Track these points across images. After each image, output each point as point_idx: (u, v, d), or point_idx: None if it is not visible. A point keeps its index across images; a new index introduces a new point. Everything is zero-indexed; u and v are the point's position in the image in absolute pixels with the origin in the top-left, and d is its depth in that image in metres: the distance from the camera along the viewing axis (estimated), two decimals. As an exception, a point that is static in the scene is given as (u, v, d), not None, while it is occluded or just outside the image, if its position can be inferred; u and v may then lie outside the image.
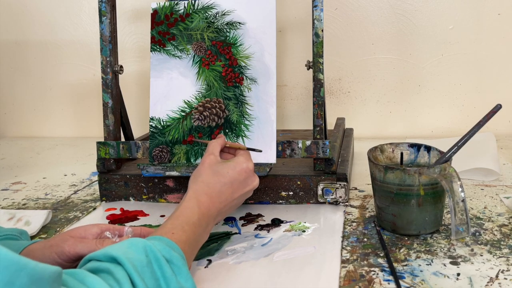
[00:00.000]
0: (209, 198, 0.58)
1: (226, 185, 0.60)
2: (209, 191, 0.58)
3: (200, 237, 0.55)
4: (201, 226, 0.55)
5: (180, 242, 0.49)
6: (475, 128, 0.63)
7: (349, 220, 0.72)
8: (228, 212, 0.62)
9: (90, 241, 0.53)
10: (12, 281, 0.30)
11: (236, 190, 0.61)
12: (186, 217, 0.54)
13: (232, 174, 0.61)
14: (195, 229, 0.53)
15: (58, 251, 0.51)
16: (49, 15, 1.37)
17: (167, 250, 0.46)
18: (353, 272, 0.56)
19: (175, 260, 0.45)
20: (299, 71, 1.25)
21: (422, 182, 0.62)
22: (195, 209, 0.55)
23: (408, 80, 1.22)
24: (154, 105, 0.78)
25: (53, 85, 1.41)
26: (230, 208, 0.61)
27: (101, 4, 0.80)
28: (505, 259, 0.58)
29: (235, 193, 0.61)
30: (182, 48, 0.79)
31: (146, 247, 0.45)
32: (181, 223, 0.52)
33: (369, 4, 1.20)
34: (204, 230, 0.56)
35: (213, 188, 0.59)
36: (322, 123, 0.76)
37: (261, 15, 0.77)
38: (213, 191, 0.59)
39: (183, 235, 0.51)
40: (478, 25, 1.17)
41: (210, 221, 0.57)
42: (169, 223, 0.52)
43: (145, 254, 0.44)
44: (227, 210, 0.61)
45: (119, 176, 0.83)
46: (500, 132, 1.18)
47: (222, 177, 0.60)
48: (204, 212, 0.56)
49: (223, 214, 0.61)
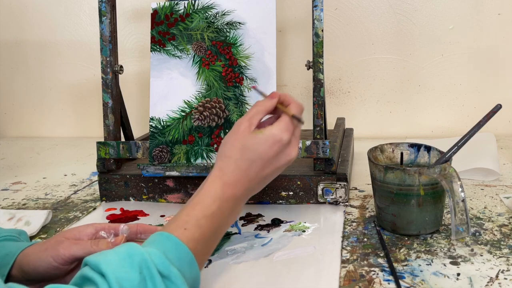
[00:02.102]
0: (236, 178, 0.52)
1: (256, 163, 0.52)
2: (236, 170, 0.52)
3: (223, 225, 0.50)
4: (224, 214, 0.50)
5: (192, 241, 0.45)
6: (475, 128, 0.63)
7: (349, 220, 0.72)
8: (258, 189, 0.55)
9: (85, 243, 0.51)
10: None
11: (267, 166, 0.53)
12: (204, 206, 0.49)
13: (262, 149, 0.53)
14: (214, 220, 0.49)
15: (53, 254, 0.50)
16: (49, 15, 1.37)
17: (166, 266, 0.42)
18: (353, 272, 0.56)
19: (174, 277, 0.42)
20: (299, 71, 1.25)
21: (422, 182, 0.62)
22: (218, 194, 0.50)
23: (408, 80, 1.22)
24: (154, 105, 0.78)
25: (53, 85, 1.41)
26: (261, 185, 0.55)
27: (101, 4, 0.80)
28: (505, 259, 0.58)
29: (265, 169, 0.53)
30: (182, 48, 0.79)
31: (141, 263, 0.41)
32: (197, 216, 0.48)
33: (369, 4, 1.20)
34: (229, 215, 0.51)
35: (241, 166, 0.52)
36: (322, 123, 0.76)
37: (261, 15, 0.77)
38: (240, 170, 0.52)
39: (197, 232, 0.47)
40: (478, 25, 1.17)
41: (238, 203, 0.52)
42: (185, 213, 0.48)
43: (139, 271, 0.40)
44: (257, 187, 0.55)
45: (119, 176, 0.83)
46: (500, 132, 1.18)
47: (251, 153, 0.52)
48: (230, 196, 0.51)
49: (253, 192, 0.54)
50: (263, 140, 0.53)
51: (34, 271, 0.50)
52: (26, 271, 0.50)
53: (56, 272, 0.50)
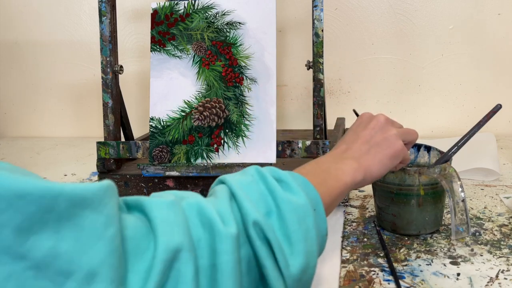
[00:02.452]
0: (342, 143, 0.56)
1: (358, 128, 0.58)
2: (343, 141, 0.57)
3: (330, 172, 0.50)
4: (329, 162, 0.51)
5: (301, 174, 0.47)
6: (475, 128, 0.63)
7: (349, 220, 0.72)
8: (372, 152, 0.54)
9: None
10: (51, 207, 0.28)
11: (369, 130, 0.57)
12: (305, 163, 0.52)
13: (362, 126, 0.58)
14: (317, 164, 0.51)
15: None
16: (49, 15, 1.37)
17: (275, 170, 0.44)
18: (353, 272, 0.56)
19: (284, 177, 0.43)
20: (299, 71, 1.25)
21: (422, 182, 0.62)
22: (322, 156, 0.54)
23: (408, 80, 1.22)
24: (154, 105, 0.78)
25: (53, 85, 1.41)
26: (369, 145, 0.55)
27: (101, 4, 0.80)
28: (505, 259, 0.58)
29: (361, 133, 0.56)
30: (182, 48, 0.79)
31: (254, 171, 0.44)
32: (303, 165, 0.51)
33: (369, 4, 1.20)
34: (336, 165, 0.51)
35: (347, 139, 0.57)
36: (322, 123, 0.76)
37: (261, 15, 0.77)
38: (347, 140, 0.57)
39: (302, 170, 0.49)
40: (478, 25, 1.17)
41: (345, 158, 0.52)
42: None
43: (251, 175, 0.43)
44: (367, 149, 0.54)
45: (119, 176, 0.83)
46: (500, 132, 1.18)
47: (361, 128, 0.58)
48: (332, 153, 0.54)
49: (364, 153, 0.54)
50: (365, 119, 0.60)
51: None
52: None
53: None
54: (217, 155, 0.76)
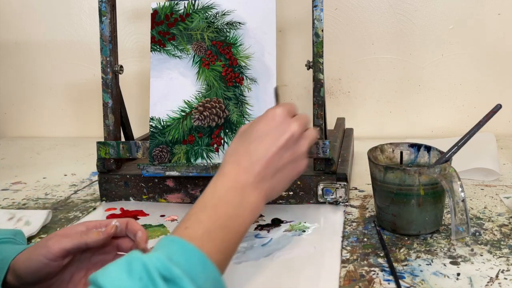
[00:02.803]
0: (235, 165, 0.48)
1: (254, 141, 0.49)
2: (234, 158, 0.49)
3: (233, 218, 0.45)
4: (229, 204, 0.45)
5: (196, 239, 0.41)
6: (475, 128, 0.63)
7: (349, 220, 0.72)
8: (277, 177, 0.50)
9: (74, 234, 0.50)
10: None
11: (270, 142, 0.49)
12: (203, 202, 0.45)
13: (258, 127, 0.50)
14: (217, 212, 0.44)
15: (43, 252, 0.48)
16: (49, 15, 1.37)
17: (168, 268, 0.37)
18: (353, 272, 0.56)
19: (178, 279, 0.37)
20: (299, 71, 1.25)
21: (422, 182, 0.62)
22: (217, 186, 0.47)
23: (408, 80, 1.22)
24: (154, 105, 0.78)
25: (53, 85, 1.41)
26: (275, 169, 0.49)
27: (101, 4, 0.80)
28: (505, 259, 0.58)
29: (270, 147, 0.49)
30: (182, 48, 0.79)
31: (141, 270, 0.37)
32: (196, 212, 0.44)
33: (369, 4, 1.20)
34: (238, 206, 0.45)
35: (238, 152, 0.49)
36: (322, 123, 0.76)
37: (261, 15, 0.77)
38: (239, 156, 0.49)
39: (199, 229, 0.43)
40: (478, 25, 1.17)
41: (247, 191, 0.47)
42: (189, 212, 0.45)
43: (139, 278, 0.36)
44: (271, 170, 0.49)
45: (119, 176, 0.83)
46: (500, 132, 1.18)
47: (248, 136, 0.50)
48: (231, 184, 0.46)
49: (268, 178, 0.48)
50: (258, 120, 0.51)
51: (26, 272, 0.48)
52: (19, 275, 0.49)
53: (48, 269, 0.49)
54: (217, 155, 0.76)
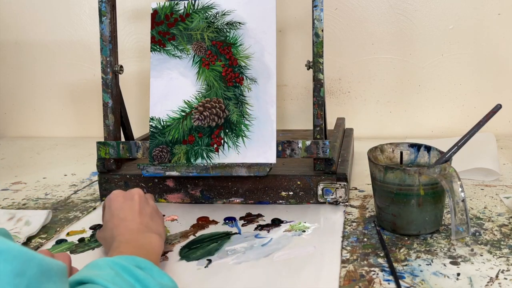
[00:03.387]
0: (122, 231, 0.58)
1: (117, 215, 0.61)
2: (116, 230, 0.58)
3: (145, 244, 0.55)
4: (136, 240, 0.55)
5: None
6: (475, 128, 0.63)
7: (349, 220, 0.72)
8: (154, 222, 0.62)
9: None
10: (23, 270, 0.30)
11: (130, 204, 0.62)
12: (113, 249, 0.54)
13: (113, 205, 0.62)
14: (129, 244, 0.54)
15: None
16: (49, 15, 1.37)
17: (130, 259, 0.46)
18: (353, 272, 0.56)
19: (142, 263, 0.46)
20: (299, 71, 1.25)
21: (422, 182, 0.62)
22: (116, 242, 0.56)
23: (408, 80, 1.22)
24: (154, 105, 0.78)
25: (53, 85, 1.41)
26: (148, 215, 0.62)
27: (101, 4, 0.80)
28: (505, 259, 0.58)
29: (132, 206, 0.62)
30: (182, 48, 0.79)
31: (108, 262, 0.44)
32: (113, 250, 0.53)
33: (369, 4, 1.20)
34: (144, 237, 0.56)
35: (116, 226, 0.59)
36: (322, 123, 0.76)
37: (261, 15, 0.77)
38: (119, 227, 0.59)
39: (125, 253, 0.51)
40: (478, 25, 1.17)
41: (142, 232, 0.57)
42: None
43: (109, 267, 0.44)
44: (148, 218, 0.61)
45: (119, 176, 0.83)
46: (500, 132, 1.18)
47: (112, 212, 0.62)
48: (128, 235, 0.57)
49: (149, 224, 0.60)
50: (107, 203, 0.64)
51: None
52: None
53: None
54: (217, 155, 0.76)
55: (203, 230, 0.70)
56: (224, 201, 0.80)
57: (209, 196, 0.80)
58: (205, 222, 0.73)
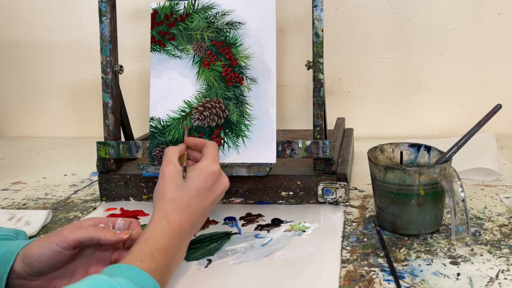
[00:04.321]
0: (179, 215, 0.54)
1: (194, 197, 0.56)
2: (177, 207, 0.55)
3: (174, 259, 0.52)
4: (173, 248, 0.52)
5: (149, 271, 0.46)
6: (475, 128, 0.63)
7: (349, 220, 0.72)
8: (202, 222, 0.59)
9: (88, 228, 0.53)
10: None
11: (205, 198, 0.57)
12: (155, 241, 0.50)
13: (197, 183, 0.57)
14: (166, 253, 0.50)
15: (57, 240, 0.51)
16: (49, 15, 1.37)
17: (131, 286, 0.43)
18: (353, 272, 0.56)
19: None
20: (299, 71, 1.25)
21: (422, 182, 0.62)
22: (165, 230, 0.52)
23: (408, 80, 1.22)
24: (154, 105, 0.78)
25: (53, 85, 1.41)
26: (203, 217, 0.58)
27: (101, 4, 0.80)
28: (505, 259, 0.58)
29: (205, 201, 0.57)
30: (182, 48, 0.79)
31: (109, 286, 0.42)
32: (150, 249, 0.49)
33: (369, 4, 1.20)
34: (178, 250, 0.53)
35: (180, 203, 0.55)
36: (322, 123, 0.76)
37: (261, 15, 0.77)
38: (181, 206, 0.55)
39: (152, 263, 0.48)
40: (478, 25, 1.17)
41: (185, 237, 0.54)
42: (137, 248, 0.49)
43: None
44: (201, 220, 0.58)
45: (119, 176, 0.83)
46: (500, 132, 1.18)
47: (188, 189, 0.56)
48: (176, 231, 0.53)
49: (197, 225, 0.58)
50: (196, 175, 0.57)
51: (37, 260, 0.51)
52: (29, 263, 0.51)
53: (59, 258, 0.51)
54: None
55: (203, 230, 0.70)
56: (224, 201, 0.80)
57: (209, 196, 0.80)
58: (205, 222, 0.73)
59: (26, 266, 0.51)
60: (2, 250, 0.52)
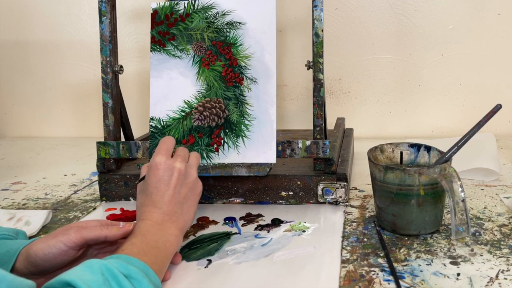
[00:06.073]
0: (149, 213, 0.58)
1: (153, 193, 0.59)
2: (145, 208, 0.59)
3: (159, 241, 0.55)
4: (154, 233, 0.55)
5: (132, 255, 0.49)
6: (475, 128, 0.63)
7: (349, 220, 0.72)
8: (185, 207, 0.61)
9: (94, 227, 0.54)
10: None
11: (164, 188, 0.60)
12: (132, 233, 0.55)
13: (150, 181, 0.60)
14: (145, 237, 0.54)
15: (64, 239, 0.52)
16: (50, 15, 1.37)
17: (124, 266, 0.46)
18: (353, 272, 0.56)
19: (134, 274, 0.45)
20: (299, 71, 1.25)
21: (422, 182, 0.62)
22: (141, 226, 0.56)
23: (408, 80, 1.22)
24: (154, 105, 0.78)
25: (53, 85, 1.41)
26: (179, 203, 0.60)
27: (101, 4, 0.80)
28: (505, 259, 0.58)
29: (166, 190, 0.59)
30: (182, 48, 0.79)
31: (101, 267, 0.44)
32: (128, 239, 0.53)
33: (369, 4, 1.20)
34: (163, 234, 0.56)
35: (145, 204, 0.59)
36: (322, 123, 0.76)
37: (261, 15, 0.77)
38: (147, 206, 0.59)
39: (133, 248, 0.51)
40: (478, 25, 1.17)
41: (166, 225, 0.57)
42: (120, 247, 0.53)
43: (100, 273, 0.44)
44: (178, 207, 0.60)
45: (119, 176, 0.83)
46: (500, 132, 1.18)
47: (146, 191, 0.60)
48: (151, 223, 0.56)
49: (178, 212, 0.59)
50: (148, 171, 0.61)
51: (42, 259, 0.51)
52: (33, 262, 0.51)
53: (64, 257, 0.52)
54: (217, 155, 0.76)
55: (203, 230, 0.70)
56: (224, 201, 0.80)
57: (209, 196, 0.80)
58: (205, 222, 0.73)
59: (30, 265, 0.51)
60: (3, 249, 0.52)
